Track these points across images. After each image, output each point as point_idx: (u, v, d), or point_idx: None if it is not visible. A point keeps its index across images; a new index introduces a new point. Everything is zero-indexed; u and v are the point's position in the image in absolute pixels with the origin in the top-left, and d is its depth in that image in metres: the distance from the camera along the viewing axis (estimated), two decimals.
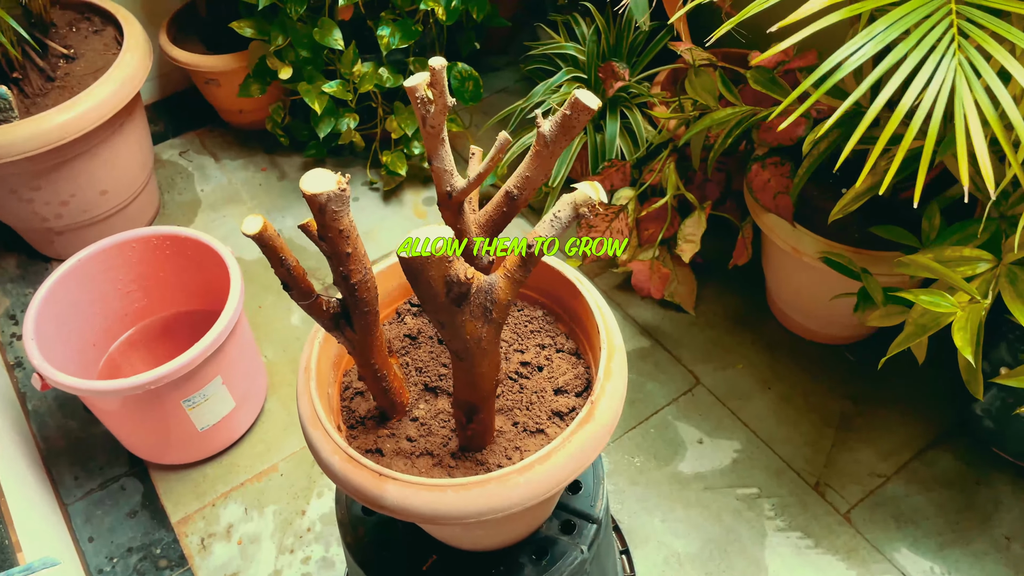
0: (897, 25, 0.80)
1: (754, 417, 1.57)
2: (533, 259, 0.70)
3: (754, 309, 1.74)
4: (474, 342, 0.73)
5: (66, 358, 1.45)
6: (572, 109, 0.72)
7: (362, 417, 0.93)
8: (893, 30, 0.80)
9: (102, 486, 1.55)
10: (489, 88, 2.28)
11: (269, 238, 0.69)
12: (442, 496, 0.78)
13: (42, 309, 1.41)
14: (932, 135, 0.80)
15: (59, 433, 1.62)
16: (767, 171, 1.44)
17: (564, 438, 0.81)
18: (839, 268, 1.31)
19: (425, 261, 0.65)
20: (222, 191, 2.07)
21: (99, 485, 1.55)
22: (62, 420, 1.64)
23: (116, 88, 1.64)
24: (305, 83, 1.77)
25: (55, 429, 1.63)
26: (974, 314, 0.96)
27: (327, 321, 0.79)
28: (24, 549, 1.18)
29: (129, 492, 1.54)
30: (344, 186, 0.69)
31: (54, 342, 1.42)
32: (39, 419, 1.64)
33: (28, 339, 1.36)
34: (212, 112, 2.21)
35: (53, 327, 1.43)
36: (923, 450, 1.51)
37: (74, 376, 1.34)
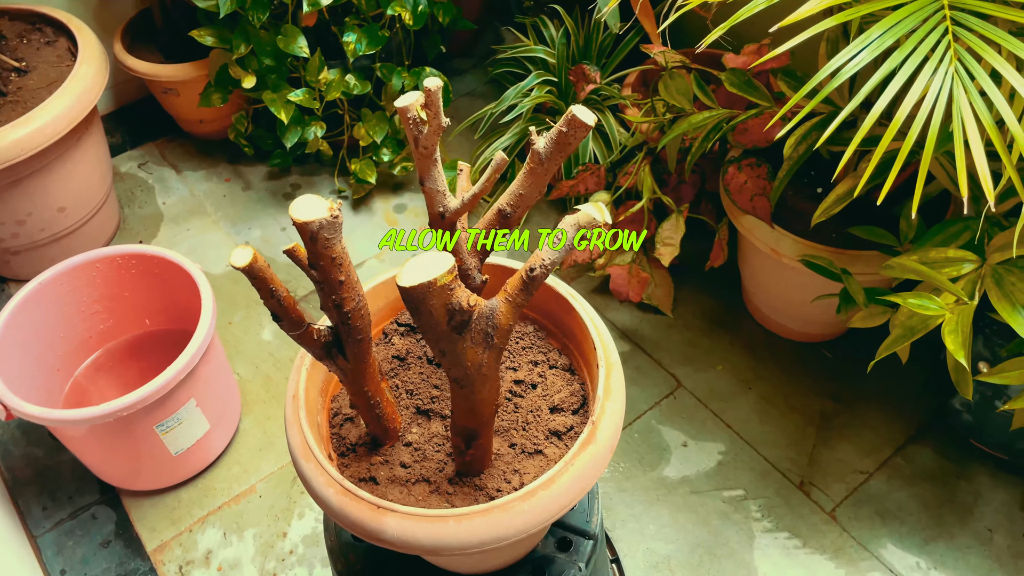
0: (893, 31, 0.79)
1: (737, 419, 1.57)
2: (535, 282, 0.68)
3: (731, 310, 1.74)
4: (475, 368, 0.71)
5: (30, 385, 1.39)
6: (568, 126, 0.71)
7: (353, 444, 0.90)
8: (889, 36, 0.80)
9: (72, 515, 1.49)
10: (455, 92, 2.25)
11: (259, 269, 0.66)
12: (444, 527, 0.76)
13: (2, 336, 1.35)
14: (931, 140, 0.79)
15: (24, 462, 1.56)
16: (743, 173, 1.44)
17: (567, 461, 0.79)
18: (819, 270, 1.31)
19: (427, 290, 0.62)
20: (185, 204, 2.01)
21: (69, 515, 1.49)
22: (27, 448, 1.57)
23: (72, 101, 1.58)
24: (270, 92, 1.72)
25: (20, 459, 1.56)
26: (964, 316, 0.96)
27: (318, 351, 0.76)
28: None
29: (101, 521, 1.48)
30: (336, 212, 0.66)
31: (17, 369, 1.36)
32: (2, 448, 1.58)
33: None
34: (171, 122, 2.15)
35: (15, 354, 1.37)
36: (903, 446, 1.52)
37: (39, 405, 1.28)
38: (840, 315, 1.29)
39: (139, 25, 2.02)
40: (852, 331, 1.66)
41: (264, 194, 2.02)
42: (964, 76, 0.81)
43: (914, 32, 0.80)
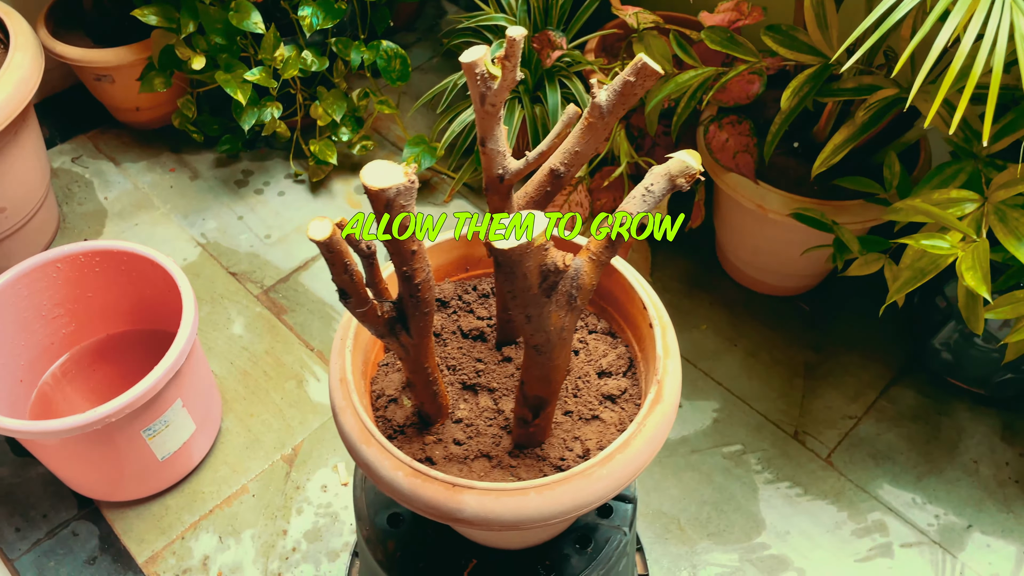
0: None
1: (726, 376, 1.59)
2: (622, 239, 0.65)
3: (707, 270, 1.76)
4: (556, 332, 0.69)
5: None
6: (637, 75, 0.68)
7: (401, 426, 0.86)
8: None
9: (50, 534, 1.39)
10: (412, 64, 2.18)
11: (336, 243, 0.61)
12: (525, 500, 0.74)
13: None
14: (996, 76, 0.80)
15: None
16: (725, 131, 1.45)
17: (639, 423, 0.77)
18: (812, 223, 1.33)
19: (525, 251, 0.59)
20: (129, 197, 1.89)
21: (47, 534, 1.39)
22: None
23: (9, 93, 1.45)
24: (223, 72, 1.63)
25: None
26: (980, 252, 0.99)
27: (381, 328, 0.72)
28: None
29: (83, 537, 1.39)
30: (413, 178, 0.62)
31: None
32: None
33: None
34: (104, 112, 2.02)
35: None
36: (885, 388, 1.58)
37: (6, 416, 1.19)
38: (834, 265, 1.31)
39: (63, 8, 1.88)
40: (826, 282, 1.70)
41: (214, 182, 1.92)
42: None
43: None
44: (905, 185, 1.32)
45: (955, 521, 1.40)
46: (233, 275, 1.75)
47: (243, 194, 1.89)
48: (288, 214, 1.85)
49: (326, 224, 0.60)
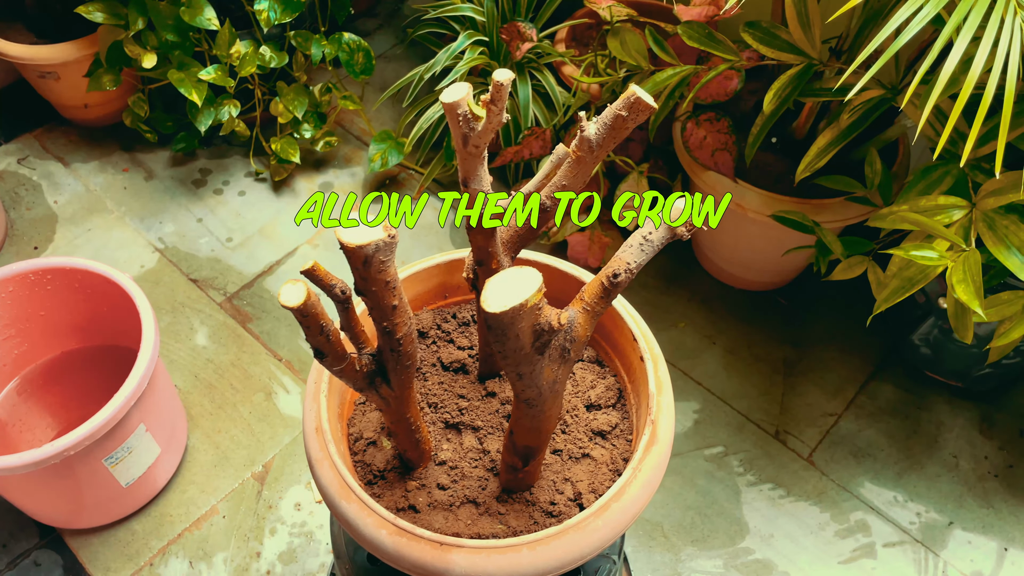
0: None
1: (706, 374, 1.57)
2: (618, 289, 0.61)
3: (684, 265, 1.73)
4: (548, 387, 0.64)
5: None
6: (630, 110, 0.64)
7: (381, 471, 0.82)
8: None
9: (11, 565, 1.33)
10: None
11: (312, 306, 0.56)
12: (518, 557, 0.70)
13: None
14: (1009, 97, 0.77)
15: None
16: (703, 128, 1.41)
17: (634, 468, 0.74)
18: (792, 224, 1.30)
19: (517, 313, 0.55)
20: (80, 201, 1.80)
21: (7, 565, 1.33)
22: None
23: None
24: (175, 71, 1.55)
25: None
26: (972, 263, 0.97)
27: (360, 382, 0.67)
28: None
29: (46, 567, 1.33)
30: (394, 233, 0.57)
31: None
32: None
33: None
34: (50, 109, 1.91)
35: None
36: (864, 384, 1.57)
37: None
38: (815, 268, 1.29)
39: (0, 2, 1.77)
40: (803, 275, 1.68)
41: (170, 183, 1.83)
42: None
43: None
44: (887, 184, 1.29)
45: (936, 518, 1.40)
46: (194, 282, 1.67)
47: (202, 195, 1.81)
48: (250, 215, 1.78)
49: (299, 289, 0.55)
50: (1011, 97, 0.79)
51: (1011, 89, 0.81)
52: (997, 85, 0.81)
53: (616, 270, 0.60)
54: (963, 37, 0.81)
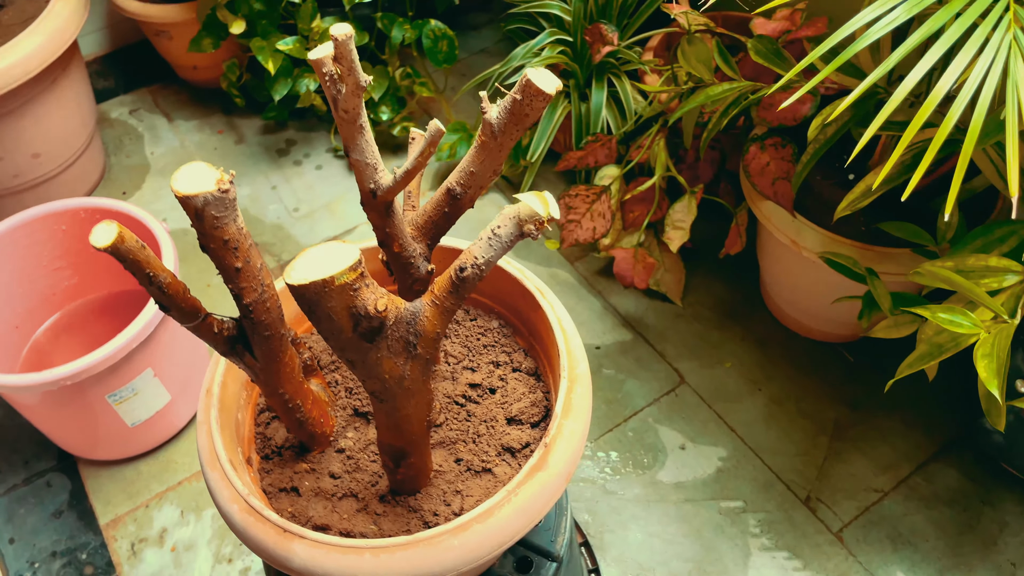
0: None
1: (742, 422, 1.44)
2: (466, 284, 0.55)
3: (746, 301, 1.60)
4: (394, 382, 0.59)
5: None
6: (523, 93, 0.57)
7: (279, 447, 0.79)
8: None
9: (27, 481, 1.41)
10: (468, 49, 2.10)
11: (128, 251, 0.54)
12: (359, 560, 0.65)
13: None
14: (976, 126, 0.64)
15: None
16: (766, 153, 1.29)
17: (509, 491, 0.67)
18: (841, 269, 1.17)
19: (321, 290, 0.50)
20: (174, 155, 1.90)
21: (24, 480, 1.41)
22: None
23: (45, 40, 1.46)
24: (259, 39, 1.60)
25: None
26: (1002, 338, 0.82)
27: (221, 346, 0.64)
28: None
29: (56, 489, 1.40)
30: (227, 187, 0.54)
31: None
32: None
33: None
34: (167, 67, 2.04)
35: None
36: (924, 463, 1.38)
37: None
38: (861, 321, 1.15)
39: None
40: None
41: (257, 149, 1.90)
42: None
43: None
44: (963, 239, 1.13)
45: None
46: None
47: (281, 164, 1.87)
48: (320, 188, 1.81)
49: (112, 229, 0.53)
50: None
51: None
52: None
53: (463, 264, 0.54)
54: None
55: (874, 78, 0.71)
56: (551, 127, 1.61)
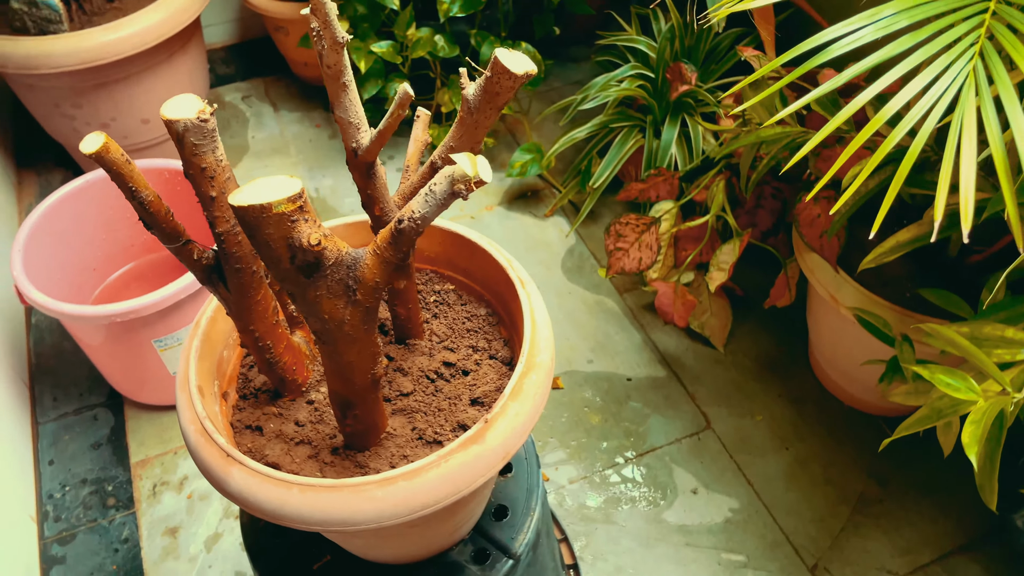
0: (912, 12, 0.64)
1: (761, 477, 1.40)
2: (403, 236, 0.58)
3: (790, 357, 1.56)
4: (335, 324, 0.63)
5: (59, 277, 1.43)
6: (492, 71, 0.61)
7: (256, 389, 0.84)
8: (903, 17, 0.64)
9: (77, 412, 1.53)
10: (563, 79, 2.16)
11: (112, 162, 0.60)
12: (287, 493, 0.68)
13: (40, 223, 1.39)
14: (907, 163, 0.63)
15: (52, 352, 1.61)
16: (818, 206, 1.27)
17: (440, 455, 0.69)
18: (872, 329, 1.13)
19: (259, 215, 0.54)
20: (271, 141, 2.03)
21: (74, 410, 1.53)
22: (59, 340, 1.63)
23: (164, 17, 1.61)
24: (358, 40, 1.70)
25: (49, 347, 1.62)
26: (993, 408, 0.78)
27: (200, 273, 0.70)
28: None
29: (100, 424, 1.51)
30: (206, 116, 0.59)
31: (47, 259, 1.40)
32: (38, 334, 1.64)
33: (16, 250, 1.33)
34: (282, 62, 2.18)
35: (50, 243, 1.41)
36: (948, 554, 1.30)
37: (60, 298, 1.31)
38: (881, 386, 1.10)
39: None
40: None
41: None
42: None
43: (940, 18, 0.64)
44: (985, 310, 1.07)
45: None
46: None
47: None
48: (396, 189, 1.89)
49: (100, 138, 0.59)
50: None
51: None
52: None
53: (401, 217, 0.58)
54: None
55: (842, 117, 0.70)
56: (618, 157, 1.63)
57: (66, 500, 1.41)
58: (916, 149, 0.77)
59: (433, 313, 0.90)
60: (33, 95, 1.68)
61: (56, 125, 1.74)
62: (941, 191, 0.68)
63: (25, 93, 1.70)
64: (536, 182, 1.89)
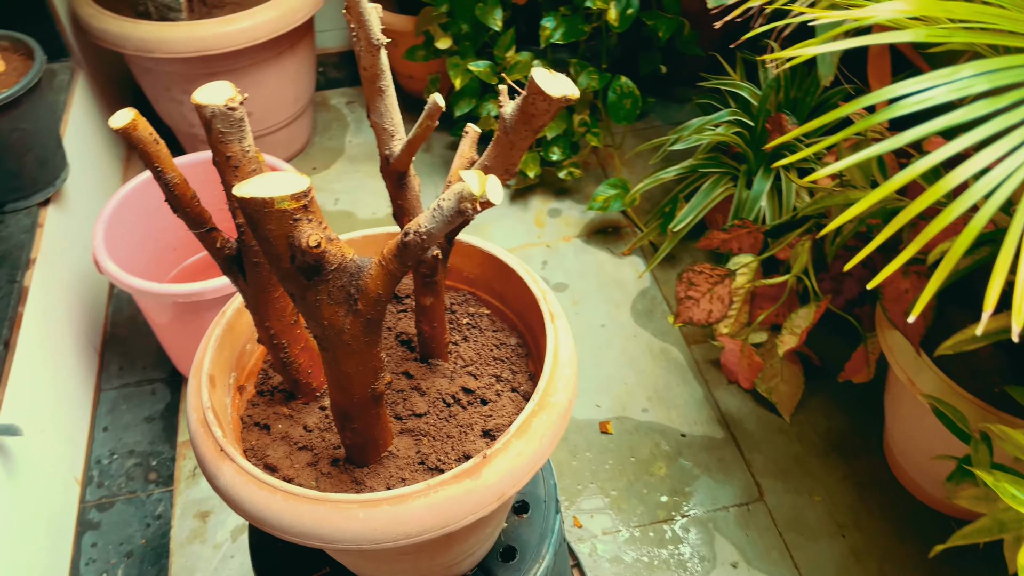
0: (996, 76, 0.57)
1: (810, 562, 1.30)
2: (408, 249, 0.55)
3: (861, 438, 1.45)
4: (334, 332, 0.60)
5: (140, 252, 1.47)
6: (528, 91, 0.58)
7: (273, 387, 0.83)
8: (984, 80, 0.57)
9: (138, 384, 1.57)
10: (665, 118, 2.11)
11: (139, 139, 0.60)
12: (270, 498, 0.66)
13: (128, 199, 1.44)
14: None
15: (127, 323, 1.67)
16: (907, 280, 1.17)
17: (430, 486, 0.65)
18: (946, 421, 1.03)
19: (261, 209, 0.53)
20: (366, 148, 2.06)
21: (136, 382, 1.57)
22: (135, 313, 1.68)
23: (276, 16, 1.66)
24: (457, 57, 1.70)
25: (126, 319, 1.68)
26: None
27: (221, 262, 0.69)
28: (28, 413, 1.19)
29: (156, 398, 1.54)
30: (234, 105, 0.58)
31: (131, 233, 1.45)
32: (117, 305, 1.70)
33: (100, 221, 1.39)
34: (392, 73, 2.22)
35: (134, 219, 1.46)
36: None
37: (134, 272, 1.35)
38: (949, 485, 1.00)
39: None
40: None
41: (438, 160, 2.01)
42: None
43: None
44: None
45: None
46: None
47: None
48: None
49: (129, 113, 0.59)
50: None
51: None
52: None
53: (408, 230, 0.55)
54: None
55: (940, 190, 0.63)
56: (704, 203, 1.57)
57: (112, 468, 1.44)
58: (1016, 231, 0.69)
59: (463, 336, 0.87)
60: (148, 78, 1.77)
61: (166, 108, 1.82)
62: (1020, 286, 0.60)
63: (141, 75, 1.78)
64: (618, 218, 1.84)
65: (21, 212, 1.43)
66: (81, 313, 1.55)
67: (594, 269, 1.74)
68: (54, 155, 1.45)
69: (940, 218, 0.64)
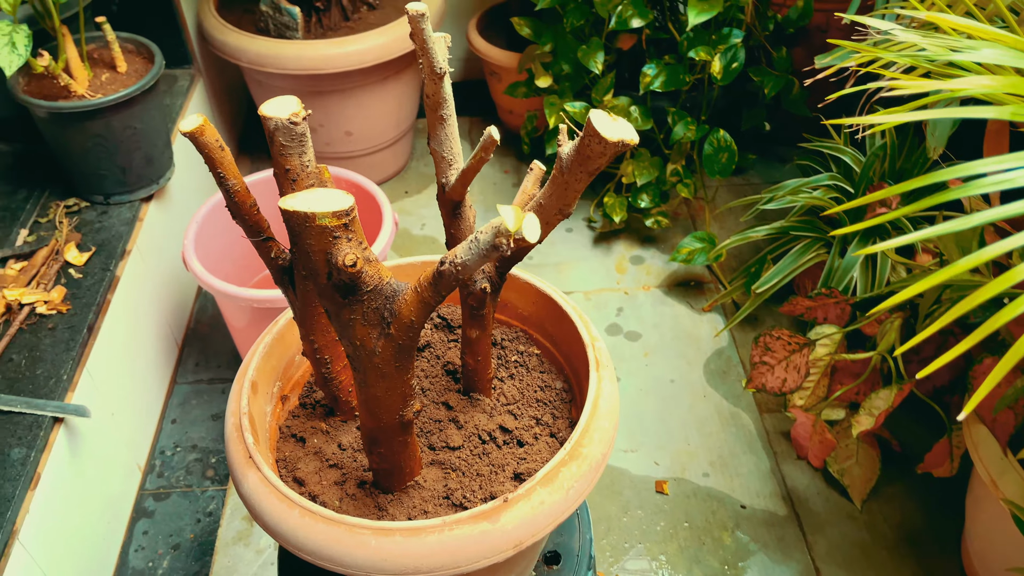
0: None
1: None
2: (443, 279, 0.55)
3: (937, 537, 1.35)
4: (365, 353, 0.60)
5: (226, 256, 1.53)
6: (585, 132, 0.56)
7: (316, 401, 0.83)
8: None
9: (210, 382, 1.62)
10: (765, 176, 2.05)
11: (204, 144, 0.62)
12: (288, 513, 0.66)
13: (221, 203, 1.50)
14: None
15: (209, 322, 1.72)
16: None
17: (445, 522, 0.64)
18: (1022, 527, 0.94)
19: (302, 223, 0.53)
20: None
21: (208, 380, 1.62)
22: (218, 312, 1.74)
23: (385, 42, 1.71)
24: (556, 96, 1.71)
25: (209, 317, 1.74)
26: None
27: (275, 271, 0.70)
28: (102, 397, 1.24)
29: (225, 398, 1.58)
30: (297, 120, 0.59)
31: (221, 235, 1.50)
32: (203, 302, 1.77)
33: (194, 220, 1.45)
34: (492, 106, 2.25)
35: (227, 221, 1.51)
36: None
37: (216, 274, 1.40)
38: None
39: (500, 11, 2.14)
40: None
41: None
42: None
43: None
44: None
45: None
46: None
47: None
48: (558, 250, 1.87)
49: (198, 119, 0.61)
50: None
51: None
52: None
53: (444, 259, 0.54)
54: None
55: None
56: (792, 266, 1.51)
57: (173, 460, 1.48)
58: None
59: (510, 373, 0.85)
60: (260, 90, 1.84)
61: None
62: None
63: (255, 88, 1.86)
64: (702, 272, 1.79)
65: (124, 205, 1.50)
66: (168, 307, 1.61)
67: (670, 322, 1.70)
68: (162, 154, 1.52)
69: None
